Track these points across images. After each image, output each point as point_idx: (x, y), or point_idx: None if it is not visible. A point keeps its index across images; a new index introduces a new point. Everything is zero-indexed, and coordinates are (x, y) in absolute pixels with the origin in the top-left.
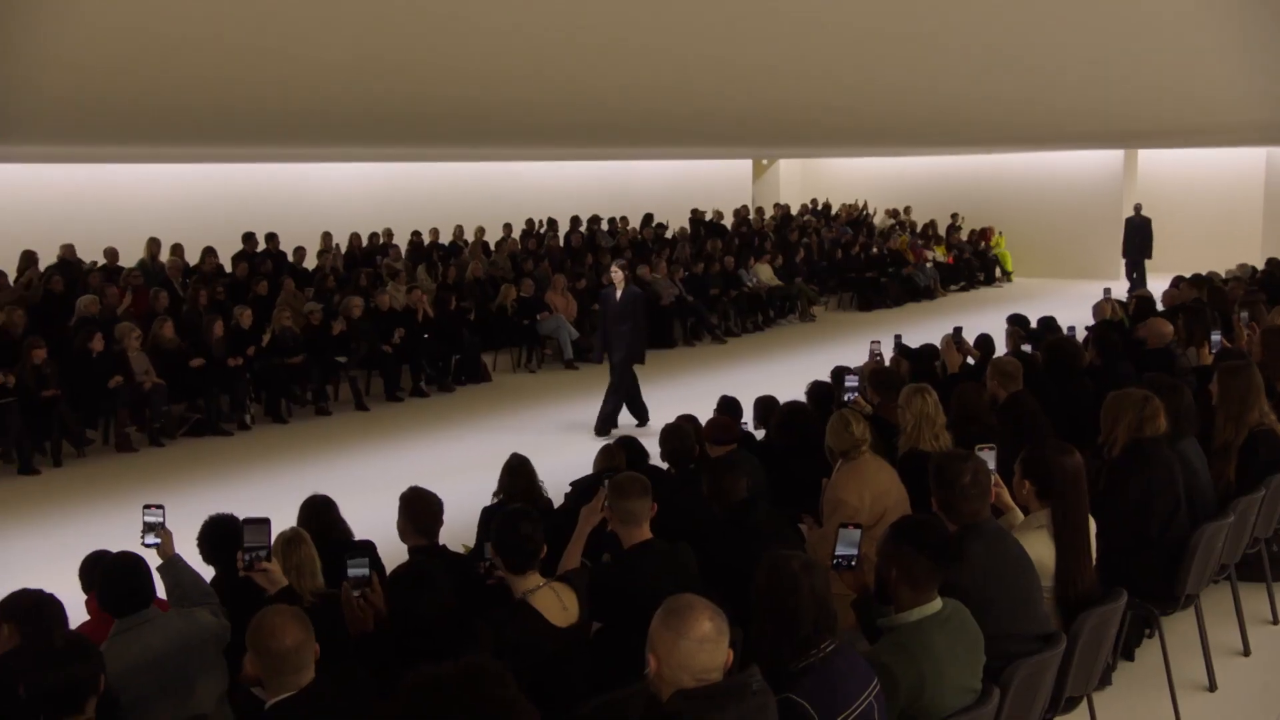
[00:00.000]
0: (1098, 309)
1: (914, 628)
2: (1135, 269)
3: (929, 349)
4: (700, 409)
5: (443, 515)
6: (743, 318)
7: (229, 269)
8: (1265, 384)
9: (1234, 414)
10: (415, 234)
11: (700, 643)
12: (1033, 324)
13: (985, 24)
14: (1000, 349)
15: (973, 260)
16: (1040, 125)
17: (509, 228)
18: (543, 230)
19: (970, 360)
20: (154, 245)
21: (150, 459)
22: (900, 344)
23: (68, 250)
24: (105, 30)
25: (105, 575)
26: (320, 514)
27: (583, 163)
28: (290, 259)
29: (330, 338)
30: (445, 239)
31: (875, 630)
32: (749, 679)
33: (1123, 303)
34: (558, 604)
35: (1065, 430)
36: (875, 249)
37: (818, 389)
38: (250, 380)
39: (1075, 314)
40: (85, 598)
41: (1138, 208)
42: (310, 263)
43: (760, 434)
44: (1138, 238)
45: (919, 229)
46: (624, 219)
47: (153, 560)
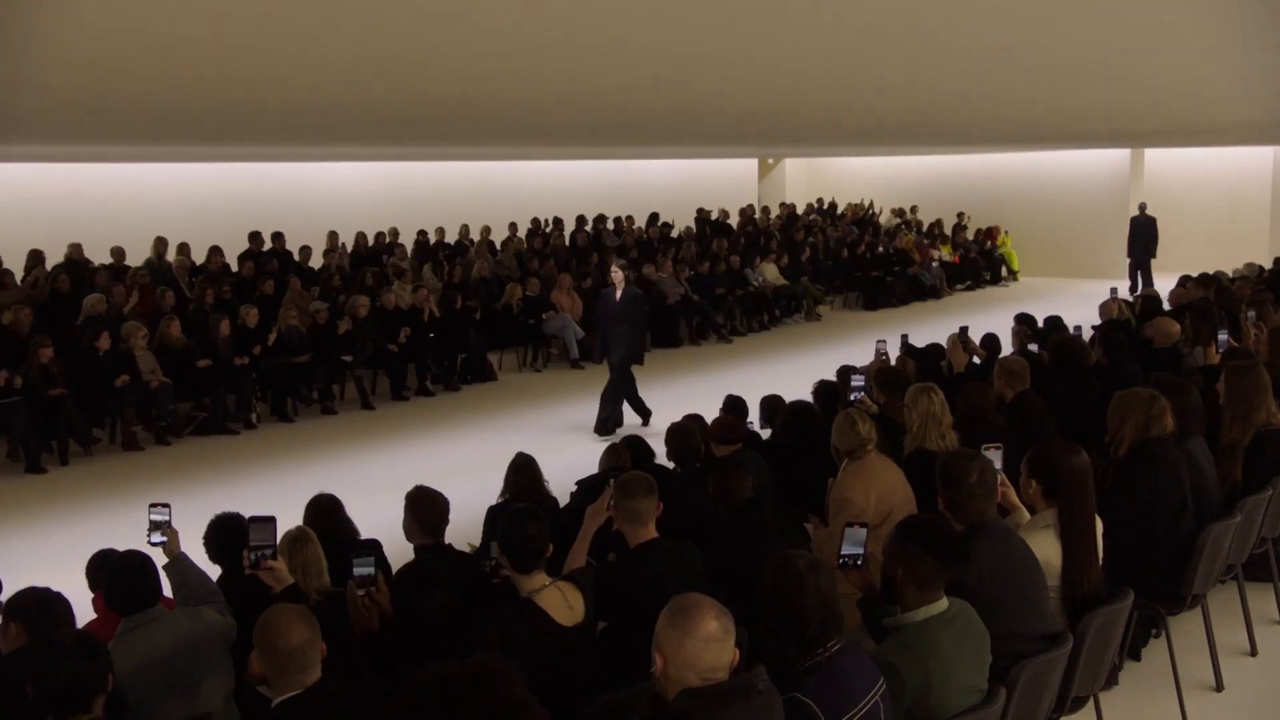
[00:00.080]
0: (1104, 308)
1: (920, 627)
2: (1140, 268)
3: (935, 348)
4: (706, 408)
5: (448, 514)
6: (748, 317)
7: (235, 268)
8: (1272, 383)
9: (1241, 413)
10: (421, 233)
11: (706, 642)
12: (1039, 323)
13: (990, 23)
14: (1006, 348)
15: (979, 259)
16: (1046, 124)
17: (514, 227)
18: (548, 229)
19: (976, 360)
20: (161, 245)
21: (156, 458)
22: (906, 343)
23: (75, 250)
24: (106, 30)
25: (112, 574)
26: (326, 513)
27: (588, 162)
28: (296, 258)
29: (336, 337)
30: (451, 238)
31: (881, 630)
32: (755, 678)
33: (1129, 302)
34: (563, 603)
35: (1072, 430)
36: (881, 248)
37: (824, 388)
38: (256, 379)
39: (1081, 313)
40: (92, 596)
41: (1142, 207)
42: (316, 262)
43: (766, 433)
44: (1142, 237)
45: (925, 228)
46: (629, 218)
47: (159, 559)
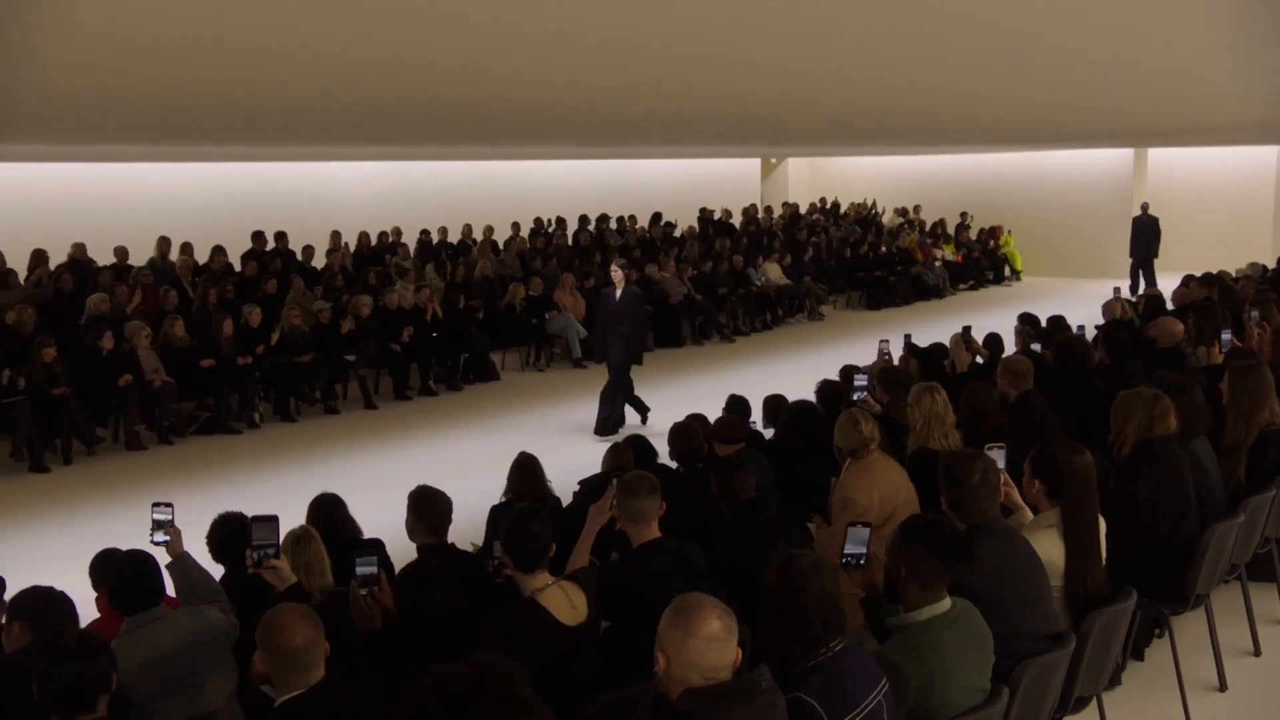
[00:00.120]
0: (1107, 308)
1: (923, 627)
2: (1143, 267)
3: (938, 348)
4: (709, 408)
5: (451, 514)
6: (751, 317)
7: (238, 268)
8: (1276, 383)
9: (1244, 413)
10: (424, 233)
11: (709, 641)
12: (1042, 323)
13: (994, 22)
14: (1009, 348)
15: (982, 259)
16: (1049, 124)
17: (517, 226)
18: (551, 229)
19: (979, 359)
20: (164, 244)
21: (160, 457)
22: (909, 343)
23: (78, 249)
24: (107, 29)
25: (115, 573)
26: (329, 512)
27: (591, 161)
28: (299, 258)
29: (339, 336)
30: (454, 238)
31: (884, 629)
32: (758, 678)
33: (1132, 302)
34: (566, 602)
35: (1075, 429)
36: (884, 248)
37: (826, 388)
38: (259, 379)
39: (1084, 313)
40: (95, 595)
41: (1144, 207)
42: (319, 261)
43: (769, 433)
44: (1144, 237)
45: (928, 228)
46: (632, 218)
47: (161, 558)
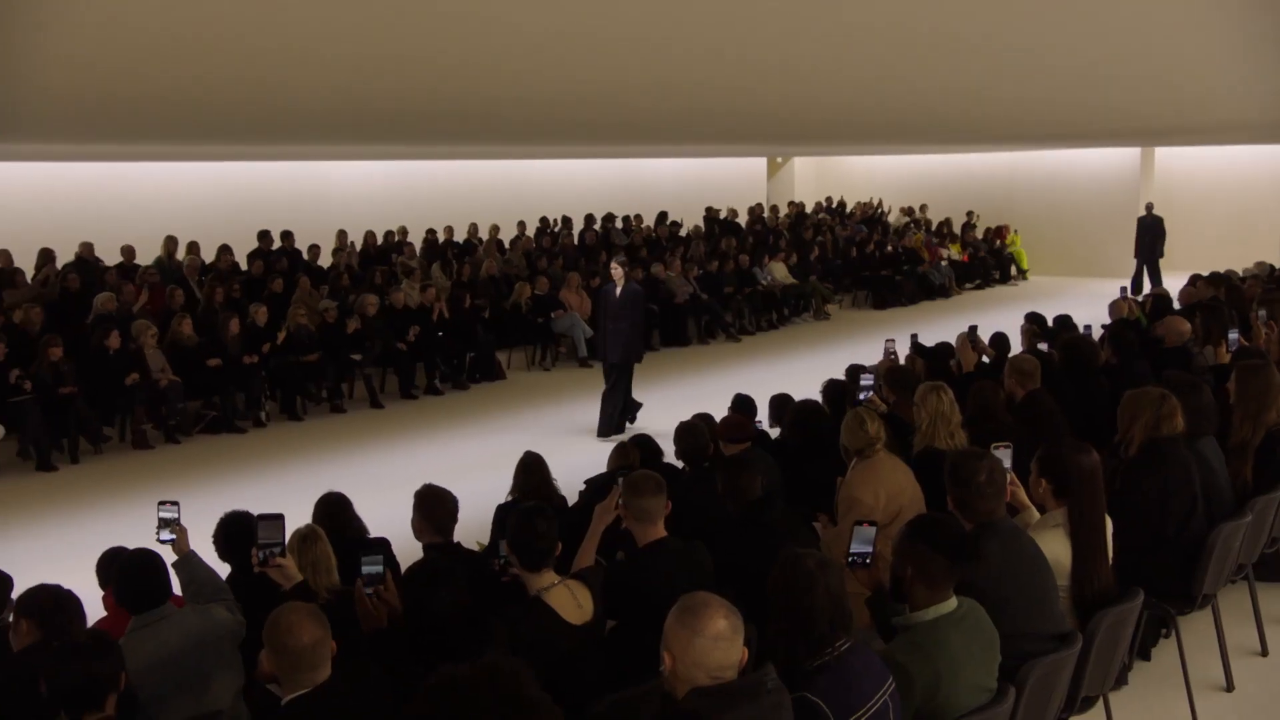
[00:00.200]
0: (1114, 307)
1: (929, 626)
2: (1148, 267)
3: (944, 347)
4: (715, 407)
5: (457, 513)
6: (757, 316)
7: (244, 267)
8: None
9: (1251, 413)
10: (430, 232)
11: (715, 640)
12: (1049, 322)
13: (1000, 21)
14: (1015, 347)
15: (988, 258)
16: (1055, 123)
17: (523, 225)
18: (557, 228)
19: (985, 359)
20: (171, 243)
21: (166, 456)
22: (916, 342)
23: (86, 249)
24: (110, 28)
25: (122, 571)
26: (335, 511)
27: (597, 160)
28: (305, 257)
29: (345, 335)
30: (460, 237)
31: (890, 628)
32: (764, 677)
33: (1139, 301)
34: (572, 602)
35: (1081, 429)
36: (890, 247)
37: (832, 387)
38: (265, 378)
39: (1091, 312)
40: (102, 594)
41: (1149, 207)
42: (325, 260)
43: (775, 432)
44: (1148, 237)
45: (934, 227)
46: (638, 217)
47: (168, 556)
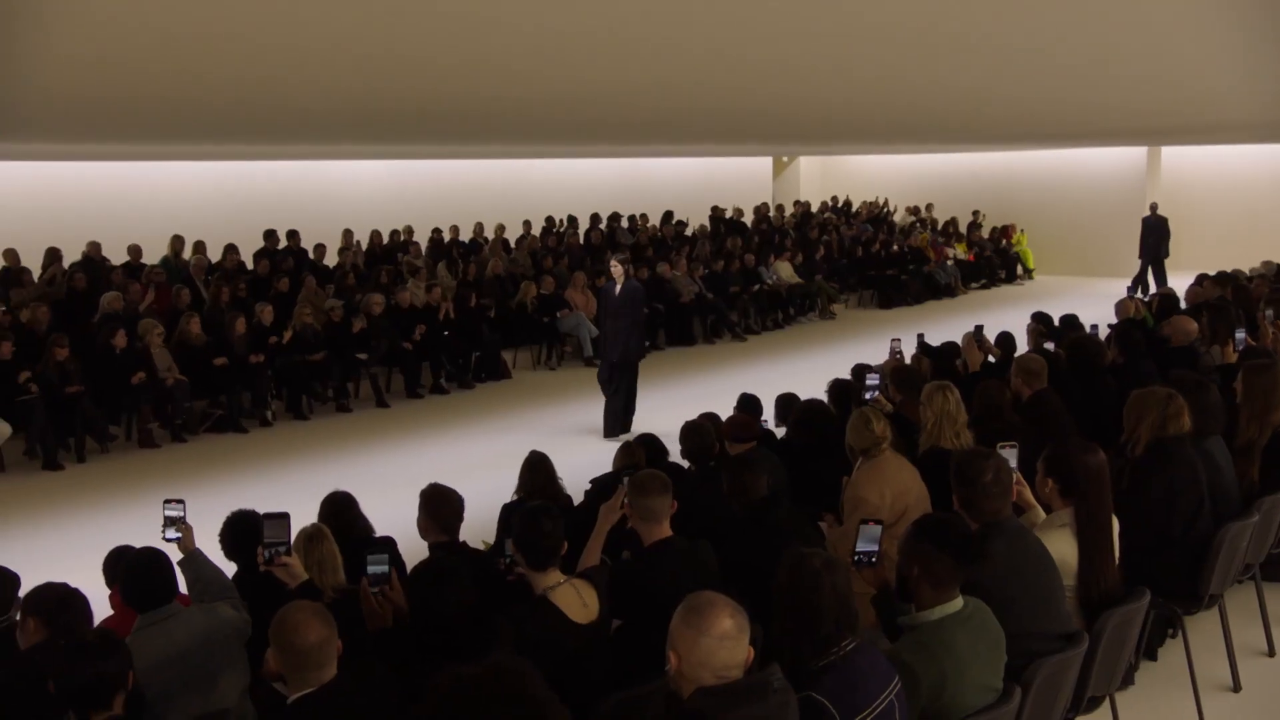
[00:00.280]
0: (1120, 307)
1: (935, 626)
2: (1153, 267)
3: (950, 347)
4: (720, 406)
5: (463, 512)
6: (763, 315)
7: (250, 266)
8: None
9: (1258, 412)
10: (436, 231)
11: (721, 640)
12: (1055, 322)
13: (1003, 21)
14: (1022, 347)
15: (994, 258)
16: (1061, 122)
17: (529, 225)
18: (563, 228)
19: (991, 358)
20: (177, 243)
21: (172, 455)
22: (922, 342)
23: (93, 248)
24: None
25: (129, 570)
26: (341, 510)
27: (603, 160)
28: (311, 256)
29: (351, 335)
30: (465, 236)
31: (896, 628)
32: (770, 677)
33: (1145, 301)
34: (578, 601)
35: (1088, 429)
36: (896, 246)
37: (838, 387)
38: (271, 377)
39: (1097, 312)
40: (109, 593)
41: (1153, 207)
42: (331, 260)
43: (781, 432)
44: (1153, 237)
45: (940, 226)
46: (644, 216)
47: (173, 555)
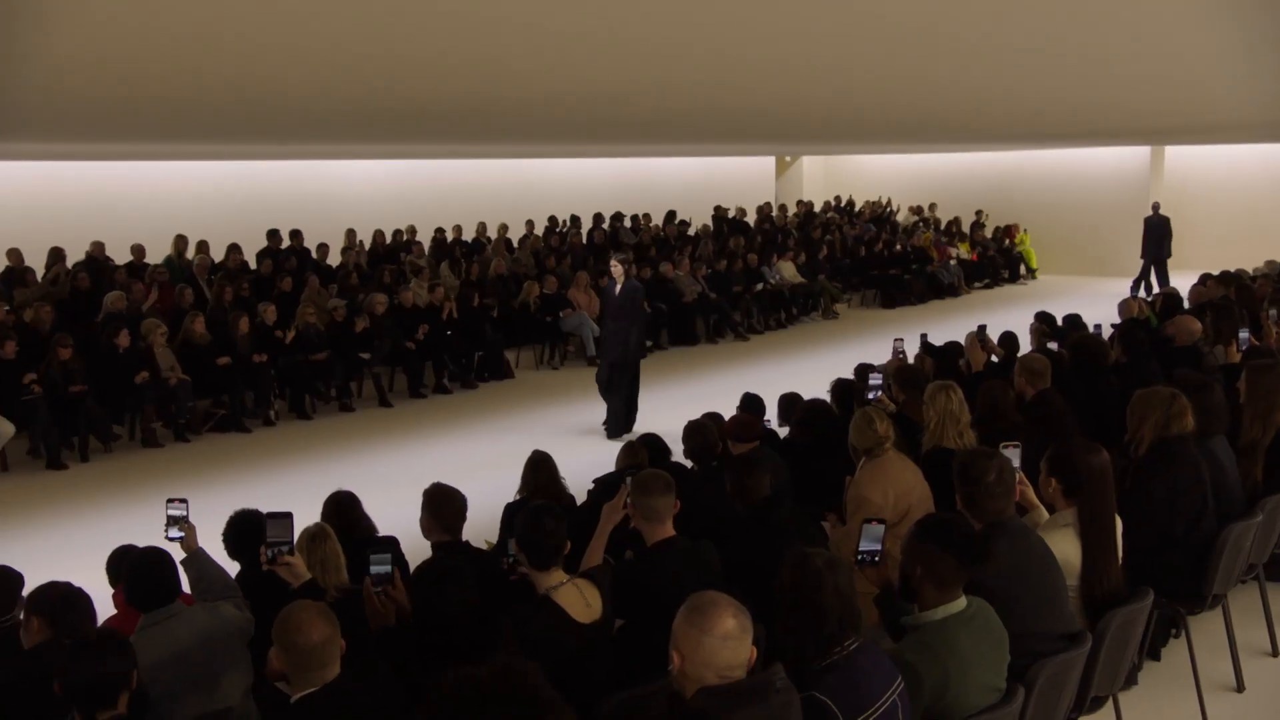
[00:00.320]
0: (1124, 306)
1: (938, 626)
2: (1155, 267)
3: (953, 347)
4: (723, 406)
5: (466, 511)
6: (766, 315)
7: (254, 266)
8: None
9: (1261, 412)
10: (438, 231)
11: (724, 640)
12: (1058, 321)
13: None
14: (1025, 347)
15: (997, 257)
16: (1063, 121)
17: (532, 224)
18: (565, 227)
19: (994, 358)
20: (181, 242)
21: (176, 454)
22: (925, 342)
23: (96, 248)
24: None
25: (132, 570)
26: (344, 510)
27: (606, 160)
28: (314, 256)
29: (354, 334)
30: (468, 236)
31: (899, 627)
32: (773, 676)
33: (1149, 300)
34: (581, 600)
35: (1091, 428)
36: (899, 246)
37: (841, 387)
38: (275, 377)
39: (1101, 312)
40: (112, 592)
41: (1155, 206)
42: (334, 259)
43: (784, 431)
44: (1155, 236)
45: (943, 226)
46: (647, 216)
47: (176, 554)
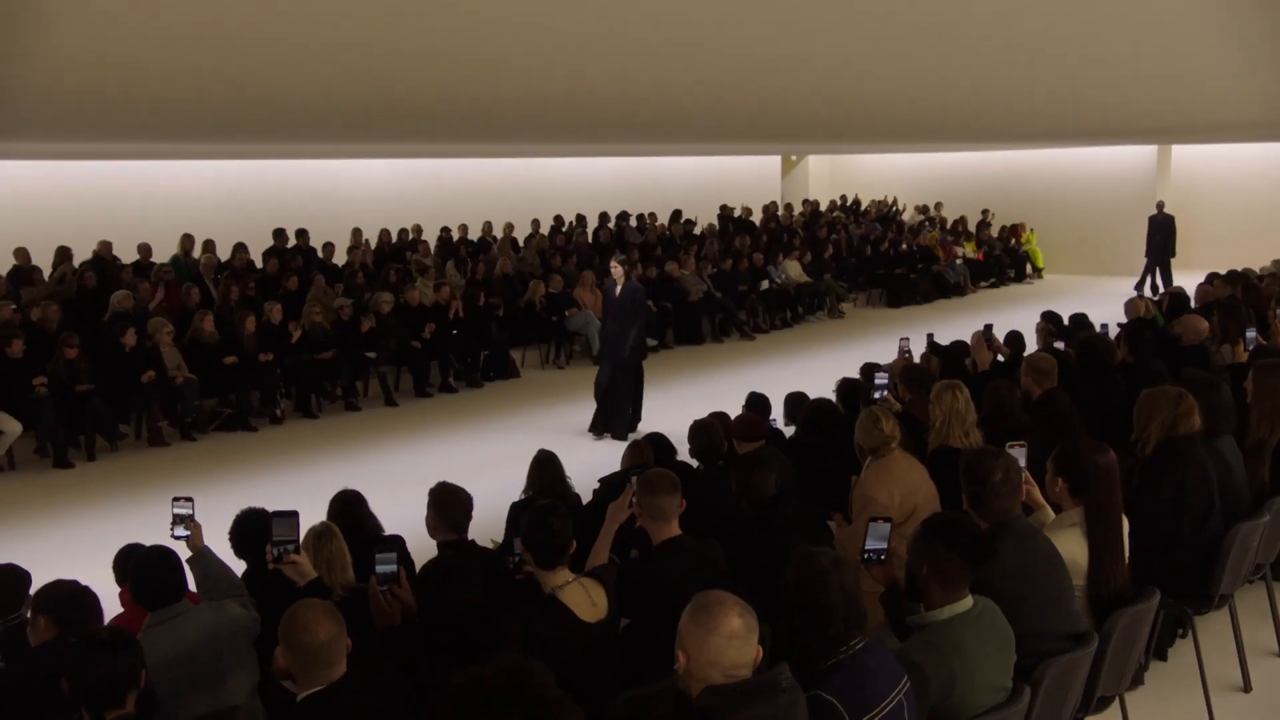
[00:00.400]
0: (1130, 306)
1: (944, 625)
2: (1159, 266)
3: (959, 346)
4: (729, 405)
5: (472, 510)
6: (771, 314)
7: (260, 265)
8: None
9: (1268, 412)
10: (444, 230)
11: (729, 639)
12: (1064, 321)
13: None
14: (1031, 346)
15: (1003, 257)
16: (1069, 120)
17: (537, 224)
18: (571, 226)
19: (1000, 357)
20: (187, 241)
21: (182, 453)
22: (932, 341)
23: (104, 247)
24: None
25: (139, 568)
26: (350, 509)
27: (612, 159)
28: (320, 255)
29: (360, 334)
30: (474, 235)
31: (904, 627)
32: (778, 676)
33: (1155, 300)
34: (586, 600)
35: (1098, 428)
36: (905, 245)
37: (847, 386)
38: (281, 376)
39: (1107, 311)
40: (119, 590)
41: (1160, 205)
42: (340, 259)
43: (789, 430)
44: (1159, 236)
45: (949, 225)
46: (652, 215)
47: (182, 552)
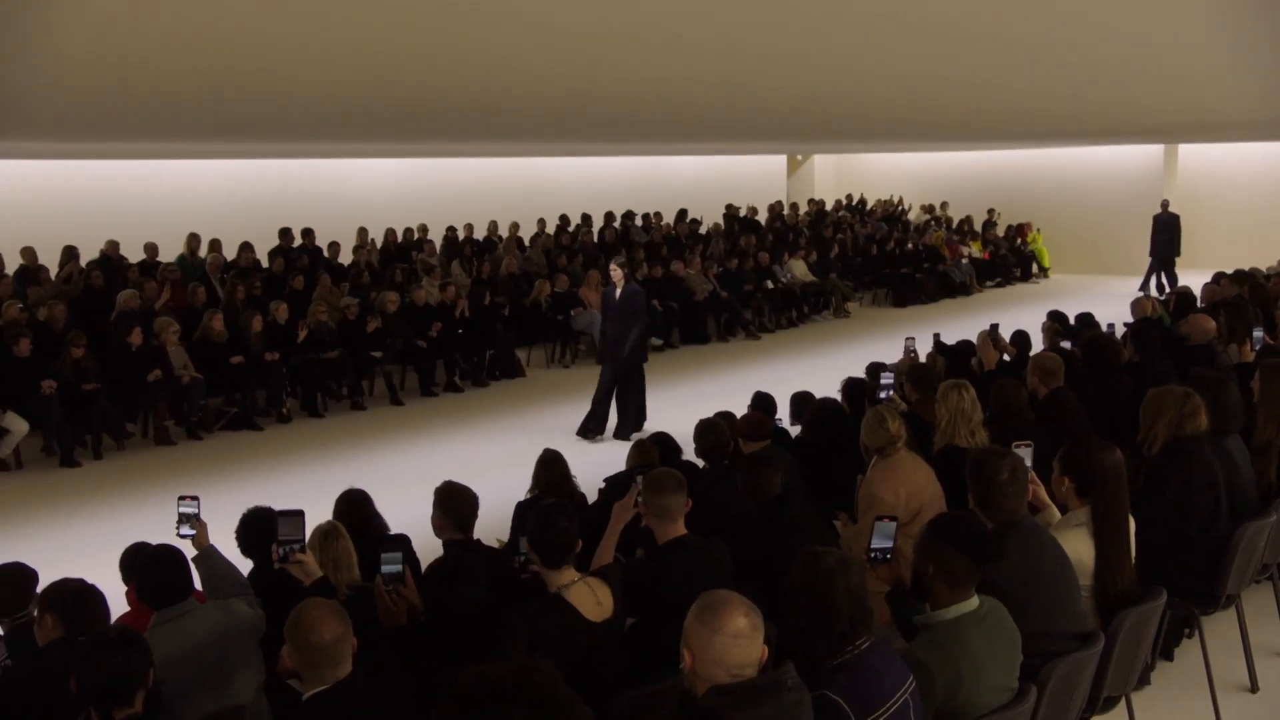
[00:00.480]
0: (1136, 305)
1: (951, 625)
2: (1164, 266)
3: (965, 345)
4: (735, 405)
5: (478, 509)
6: (777, 314)
7: (266, 264)
8: None
9: (1276, 412)
10: (450, 229)
11: (735, 638)
12: (1070, 320)
13: (1018, 17)
14: (1037, 345)
15: (1009, 256)
16: (1075, 119)
17: (543, 223)
18: (576, 226)
19: (1006, 357)
20: (194, 241)
21: (188, 452)
22: (938, 341)
23: (111, 246)
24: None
25: (145, 567)
26: (356, 508)
27: (617, 158)
28: (326, 254)
29: (366, 333)
30: (480, 234)
31: (910, 626)
32: (784, 675)
33: (1161, 299)
34: (592, 599)
35: (1104, 427)
36: (910, 245)
37: (852, 386)
38: (287, 375)
39: (1113, 310)
40: (125, 589)
41: (1164, 204)
42: (346, 258)
43: (795, 430)
44: (1164, 235)
45: (955, 225)
46: (658, 214)
47: (188, 551)
